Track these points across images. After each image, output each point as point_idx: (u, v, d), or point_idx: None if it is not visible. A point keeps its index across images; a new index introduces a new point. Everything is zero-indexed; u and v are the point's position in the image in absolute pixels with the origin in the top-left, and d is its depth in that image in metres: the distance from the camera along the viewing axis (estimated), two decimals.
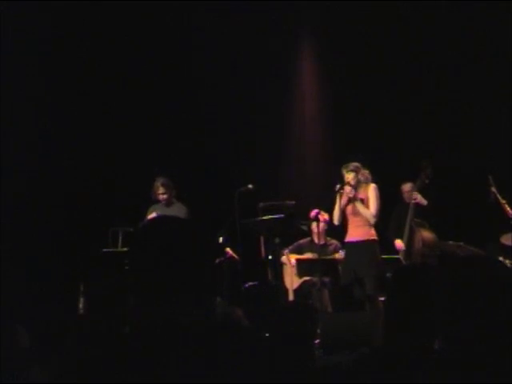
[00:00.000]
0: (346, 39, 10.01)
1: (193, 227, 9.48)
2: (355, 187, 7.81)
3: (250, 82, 10.09)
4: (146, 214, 8.52)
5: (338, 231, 8.74)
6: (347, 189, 7.79)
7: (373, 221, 7.74)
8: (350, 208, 7.84)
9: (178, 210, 8.52)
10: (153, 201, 8.64)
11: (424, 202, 8.40)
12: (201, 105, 10.12)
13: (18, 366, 3.77)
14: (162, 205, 8.59)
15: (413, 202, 8.45)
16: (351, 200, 7.81)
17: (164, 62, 10.10)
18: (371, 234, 7.78)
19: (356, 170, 7.82)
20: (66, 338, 3.86)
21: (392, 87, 9.85)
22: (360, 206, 7.76)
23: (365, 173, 7.85)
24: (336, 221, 7.98)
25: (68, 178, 9.67)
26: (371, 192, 7.82)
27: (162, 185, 8.56)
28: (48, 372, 3.60)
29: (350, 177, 7.80)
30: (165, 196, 8.56)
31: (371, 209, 7.76)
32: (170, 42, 10.10)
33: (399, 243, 8.56)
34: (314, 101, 10.58)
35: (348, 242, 7.95)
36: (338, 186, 7.82)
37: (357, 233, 7.82)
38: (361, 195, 7.83)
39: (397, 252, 8.56)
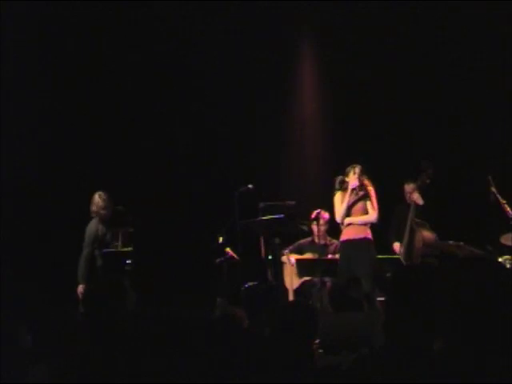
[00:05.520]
0: (345, 39, 10.01)
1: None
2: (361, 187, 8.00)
3: (250, 81, 10.10)
4: (94, 233, 8.01)
5: (339, 231, 8.75)
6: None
7: (375, 221, 8.00)
8: (359, 206, 7.93)
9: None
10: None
11: (420, 201, 8.36)
12: (201, 105, 10.12)
13: (18, 366, 3.77)
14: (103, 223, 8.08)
15: (412, 201, 8.43)
16: (361, 198, 7.97)
17: (164, 61, 10.10)
18: (368, 233, 7.97)
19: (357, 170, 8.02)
20: (66, 337, 3.86)
21: (392, 87, 9.86)
22: (370, 206, 7.96)
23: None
24: (341, 218, 8.04)
25: (68, 177, 9.67)
26: (371, 192, 8.02)
27: (108, 199, 8.08)
28: (48, 372, 3.60)
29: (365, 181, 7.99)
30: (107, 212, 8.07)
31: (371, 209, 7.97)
32: (170, 41, 10.10)
33: (397, 246, 8.55)
34: (314, 101, 10.58)
35: (347, 241, 8.01)
36: (357, 185, 7.97)
37: (358, 231, 7.91)
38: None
39: (394, 253, 8.57)
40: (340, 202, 8.04)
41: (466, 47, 9.62)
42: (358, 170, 8.00)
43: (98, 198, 8.07)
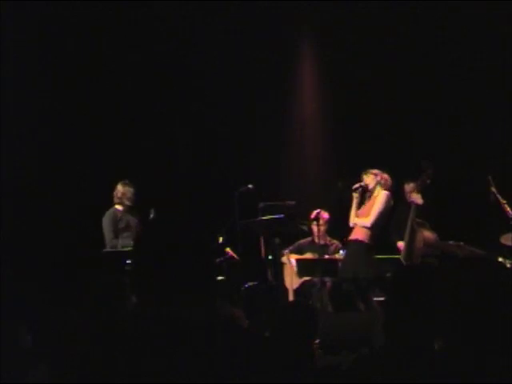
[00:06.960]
0: (345, 39, 10.01)
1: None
2: (372, 190, 8.00)
3: (250, 82, 10.09)
4: (112, 220, 8.30)
5: (339, 231, 8.76)
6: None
7: (368, 225, 7.90)
8: (364, 209, 8.04)
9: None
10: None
11: (419, 201, 8.33)
12: (201, 105, 10.11)
13: (18, 366, 3.77)
14: (126, 209, 8.45)
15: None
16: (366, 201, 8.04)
17: (164, 61, 10.09)
18: (363, 236, 7.96)
19: (375, 174, 8.02)
20: (66, 337, 3.86)
21: (392, 87, 9.85)
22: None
23: (384, 178, 8.03)
24: (350, 221, 8.11)
25: (68, 177, 9.67)
26: (378, 198, 7.98)
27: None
28: (48, 372, 3.60)
29: (368, 179, 7.99)
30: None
31: (370, 214, 7.93)
32: (170, 41, 10.10)
33: (401, 245, 8.55)
34: (314, 101, 10.58)
35: (347, 241, 8.12)
36: (358, 186, 8.02)
37: (354, 232, 8.00)
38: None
39: (397, 252, 8.56)
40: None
41: (466, 47, 9.61)
42: (364, 175, 8.09)
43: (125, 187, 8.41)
